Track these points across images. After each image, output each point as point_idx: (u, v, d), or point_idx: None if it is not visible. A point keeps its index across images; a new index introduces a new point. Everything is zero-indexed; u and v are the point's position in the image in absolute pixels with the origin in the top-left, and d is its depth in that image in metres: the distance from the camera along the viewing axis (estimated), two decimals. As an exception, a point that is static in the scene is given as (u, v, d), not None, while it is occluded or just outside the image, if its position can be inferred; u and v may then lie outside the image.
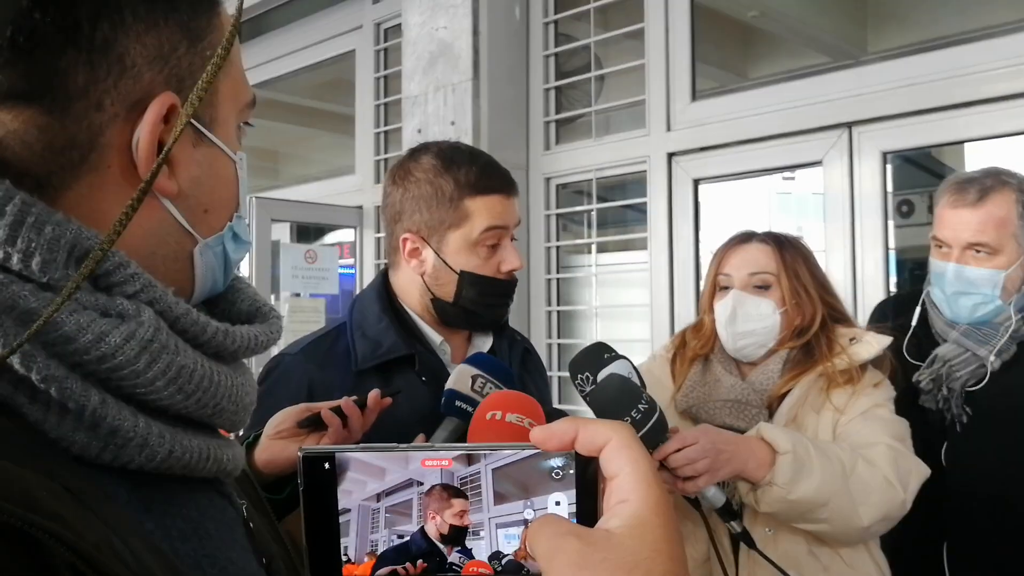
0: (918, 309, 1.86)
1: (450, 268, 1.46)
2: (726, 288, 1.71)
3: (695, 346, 1.76)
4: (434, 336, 1.52)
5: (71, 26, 0.53)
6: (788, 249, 1.69)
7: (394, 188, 1.51)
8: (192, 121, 0.59)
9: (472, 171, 1.46)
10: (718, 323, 1.70)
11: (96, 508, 0.49)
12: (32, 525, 0.43)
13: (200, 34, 0.59)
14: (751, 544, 1.39)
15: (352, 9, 3.88)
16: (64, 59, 0.53)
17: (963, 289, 1.75)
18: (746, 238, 1.74)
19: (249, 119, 0.68)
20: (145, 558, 0.50)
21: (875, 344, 1.64)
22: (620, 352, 1.44)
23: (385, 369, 1.45)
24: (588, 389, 1.38)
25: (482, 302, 1.49)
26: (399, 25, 3.45)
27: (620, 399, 1.29)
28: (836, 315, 1.71)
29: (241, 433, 1.27)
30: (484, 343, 1.59)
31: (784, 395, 1.63)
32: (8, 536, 0.43)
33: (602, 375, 1.38)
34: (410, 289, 1.53)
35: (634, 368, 1.43)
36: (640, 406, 1.28)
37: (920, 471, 1.55)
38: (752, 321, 1.66)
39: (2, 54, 0.51)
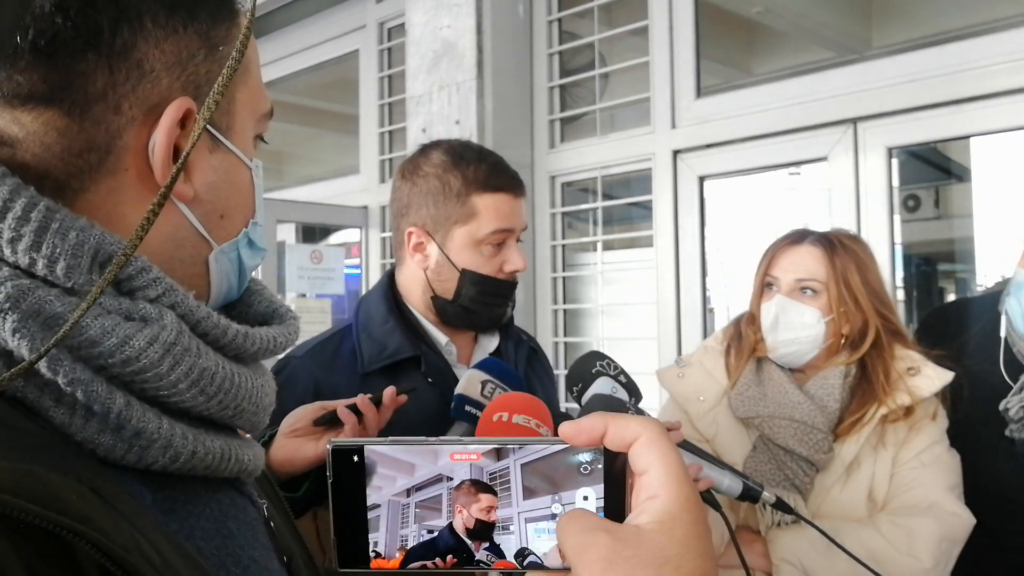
0: (1003, 321, 1.67)
1: (452, 265, 1.46)
2: (772, 287, 1.64)
3: (753, 340, 1.66)
4: (439, 336, 1.52)
5: (92, 30, 0.54)
6: (840, 254, 1.61)
7: (403, 183, 1.52)
8: (208, 127, 0.60)
9: (481, 168, 1.46)
10: (762, 327, 1.63)
11: (123, 509, 0.49)
12: (62, 527, 0.44)
13: (218, 42, 0.60)
14: (790, 510, 1.36)
15: (356, 9, 3.87)
16: (84, 63, 0.54)
17: None
18: (798, 238, 1.65)
19: (265, 132, 0.68)
20: (172, 557, 0.50)
21: (936, 380, 1.56)
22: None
23: (391, 371, 1.45)
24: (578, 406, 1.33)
25: (482, 301, 1.48)
26: (403, 24, 3.44)
27: None
28: (891, 327, 1.62)
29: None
30: (490, 343, 1.58)
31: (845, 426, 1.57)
32: (38, 539, 0.44)
33: (586, 397, 1.32)
34: (413, 287, 1.53)
35: (618, 381, 1.34)
36: None
37: (966, 527, 1.49)
38: (795, 329, 1.59)
39: (23, 56, 0.52)
